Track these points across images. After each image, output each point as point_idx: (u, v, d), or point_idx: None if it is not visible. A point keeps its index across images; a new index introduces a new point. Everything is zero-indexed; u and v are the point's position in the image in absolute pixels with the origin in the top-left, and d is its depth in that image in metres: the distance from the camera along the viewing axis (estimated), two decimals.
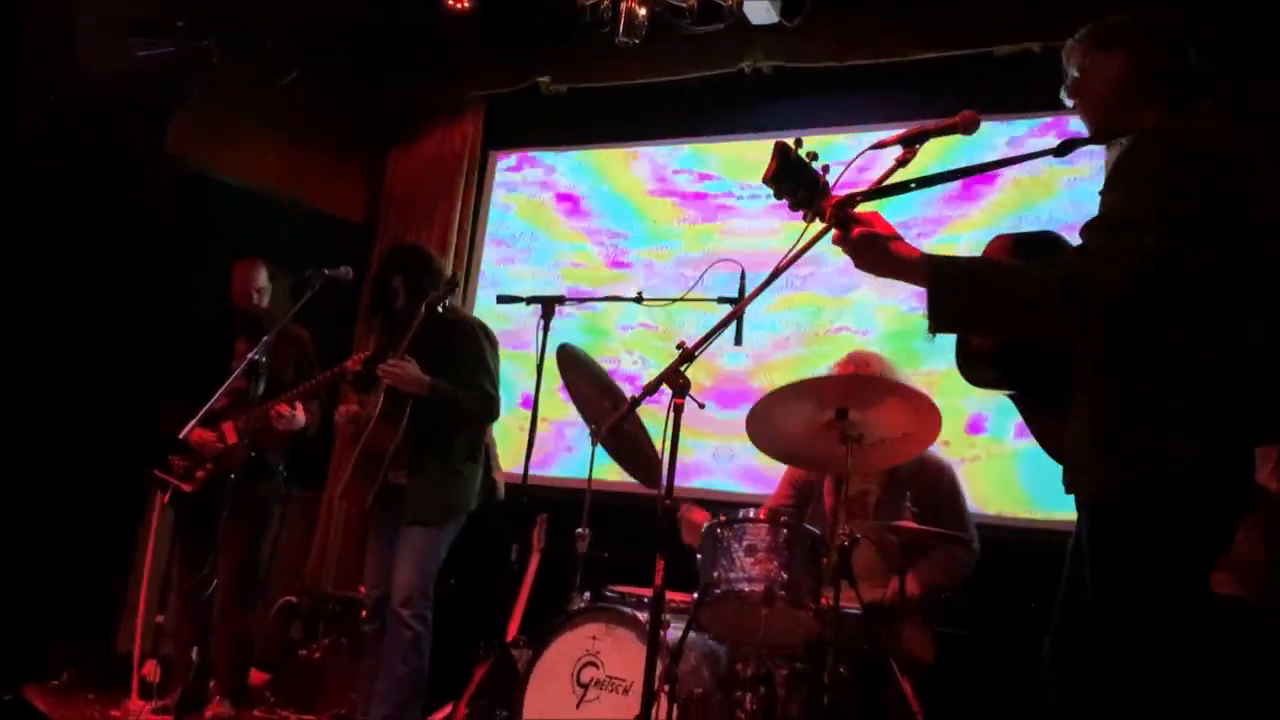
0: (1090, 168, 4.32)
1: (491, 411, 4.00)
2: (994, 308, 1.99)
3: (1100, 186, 2.02)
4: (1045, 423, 2.17)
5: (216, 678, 4.43)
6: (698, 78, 5.45)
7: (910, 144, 2.14)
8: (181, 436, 3.98)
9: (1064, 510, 4.04)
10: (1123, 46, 2.14)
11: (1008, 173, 4.67)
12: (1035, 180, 4.67)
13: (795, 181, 2.09)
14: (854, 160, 2.15)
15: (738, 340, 3.05)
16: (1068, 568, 2.12)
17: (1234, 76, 3.80)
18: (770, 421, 3.22)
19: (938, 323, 1.99)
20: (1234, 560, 2.55)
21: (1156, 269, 1.89)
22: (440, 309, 3.85)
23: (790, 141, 2.09)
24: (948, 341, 2.24)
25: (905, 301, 4.81)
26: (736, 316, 2.65)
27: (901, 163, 2.14)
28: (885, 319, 4.94)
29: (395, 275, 3.99)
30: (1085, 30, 2.21)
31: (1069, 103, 2.22)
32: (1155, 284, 1.90)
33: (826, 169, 2.12)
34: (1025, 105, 4.67)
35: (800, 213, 2.12)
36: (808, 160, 2.10)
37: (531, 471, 3.76)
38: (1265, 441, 1.98)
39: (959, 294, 1.98)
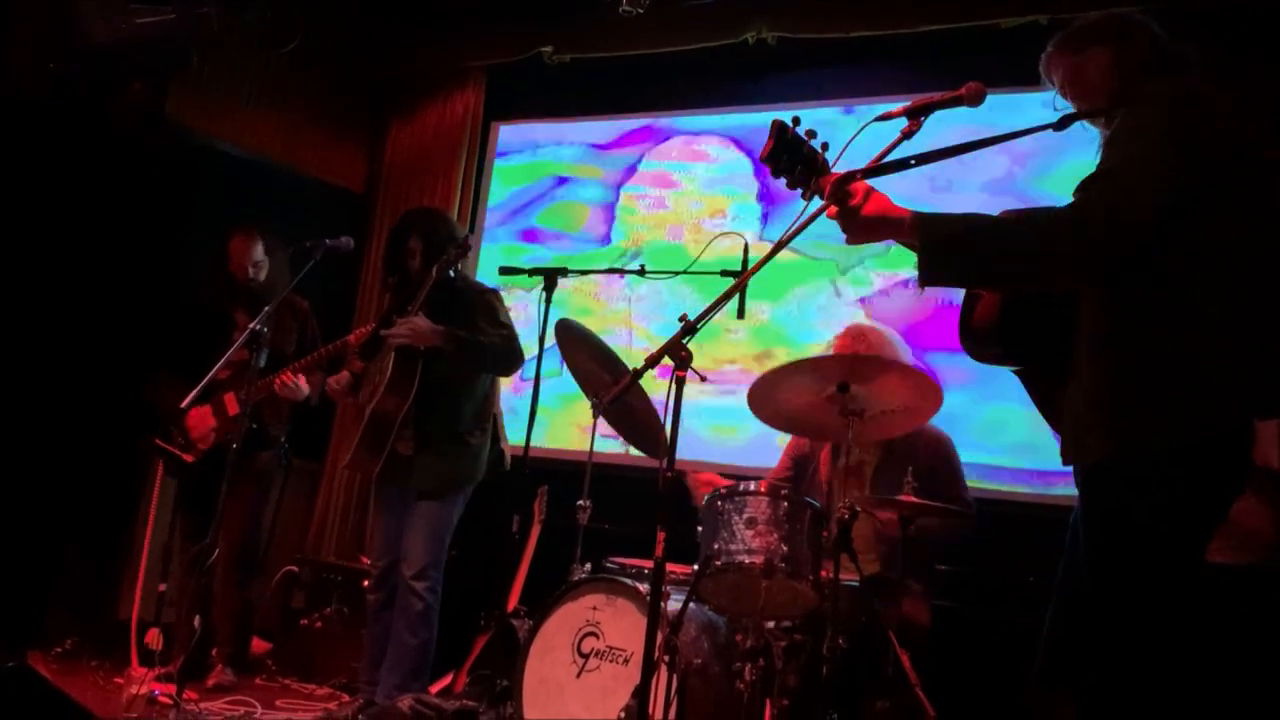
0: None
1: (515, 353, 3.94)
2: (985, 259, 2.00)
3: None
4: (1051, 398, 2.17)
5: (218, 646, 4.46)
6: (701, 49, 5.41)
7: (915, 116, 2.13)
8: (183, 406, 3.98)
9: (1064, 485, 4.05)
10: (1101, 41, 2.18)
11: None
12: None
13: (793, 159, 2.09)
14: (858, 132, 2.14)
15: (740, 314, 3.05)
16: (1069, 541, 2.13)
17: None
18: (772, 395, 3.22)
19: (929, 273, 1.99)
20: (1238, 531, 2.56)
21: (1153, 224, 1.89)
22: (452, 273, 3.84)
23: (788, 119, 2.09)
24: None
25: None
26: (740, 289, 2.64)
27: (907, 135, 2.14)
28: None
29: (412, 236, 3.97)
30: (1058, 40, 2.25)
31: (1069, 108, 2.22)
32: (1153, 241, 1.89)
33: (825, 146, 2.12)
34: (1032, 78, 4.63)
35: (799, 190, 2.13)
36: (806, 138, 2.10)
37: (533, 443, 3.77)
38: (1268, 414, 1.98)
39: (950, 243, 1.99)
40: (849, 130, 2.14)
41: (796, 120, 2.10)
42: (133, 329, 5.03)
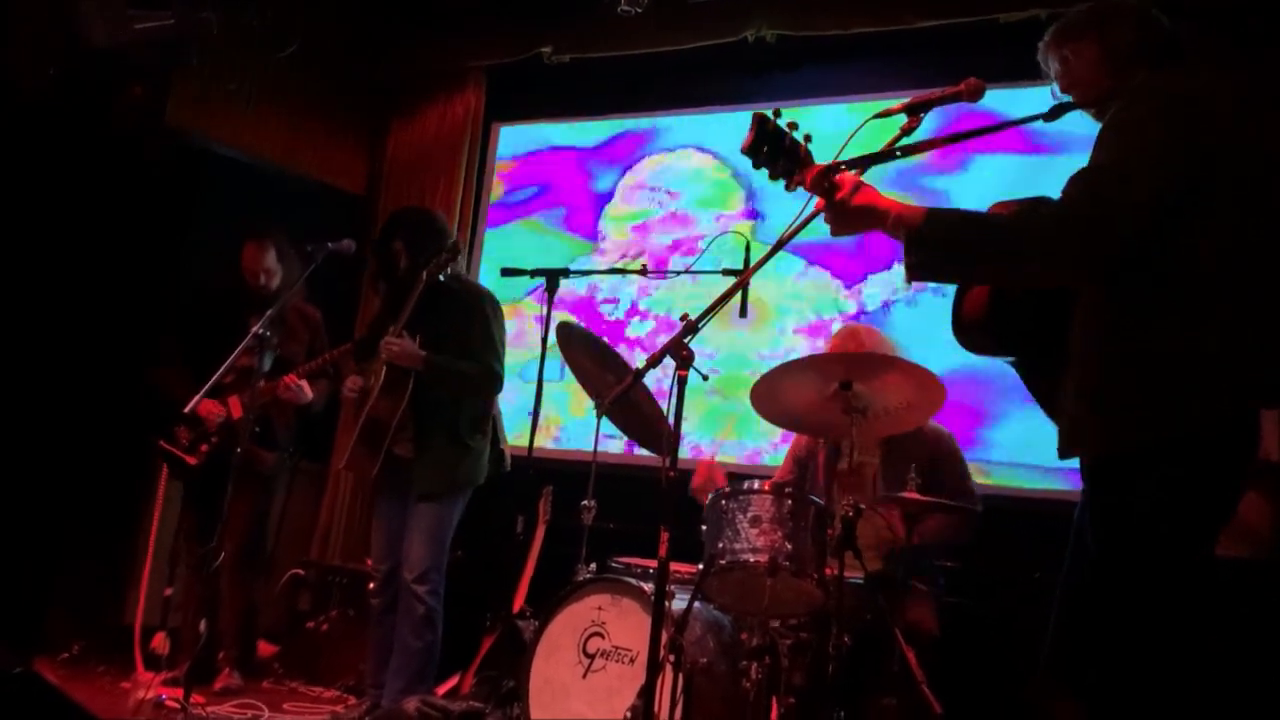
0: None
1: (494, 385, 3.99)
2: (971, 253, 2.00)
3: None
4: (1046, 387, 2.16)
5: (225, 649, 4.46)
6: (701, 47, 5.40)
7: (915, 112, 2.14)
8: (188, 410, 3.99)
9: (1071, 480, 4.05)
10: (1092, 29, 2.17)
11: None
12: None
13: (774, 151, 2.09)
14: (858, 129, 2.14)
15: (743, 312, 3.05)
16: (1073, 536, 2.13)
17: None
18: (775, 394, 3.22)
19: (915, 270, 2.00)
20: (1236, 524, 2.56)
21: (1147, 220, 1.88)
22: (442, 277, 3.83)
23: (769, 112, 2.10)
24: None
25: None
26: (741, 287, 2.64)
27: (906, 131, 2.14)
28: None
29: (396, 238, 3.97)
30: (1051, 32, 2.25)
31: (1064, 99, 2.22)
32: (1146, 237, 1.89)
33: (809, 138, 2.12)
34: (1031, 73, 4.62)
35: (782, 182, 2.13)
36: (787, 130, 2.10)
37: (536, 444, 3.77)
38: (1270, 405, 1.97)
39: (936, 239, 1.99)
40: (849, 126, 2.15)
41: (777, 112, 2.10)
42: (134, 331, 5.04)
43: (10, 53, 4.66)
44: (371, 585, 4.08)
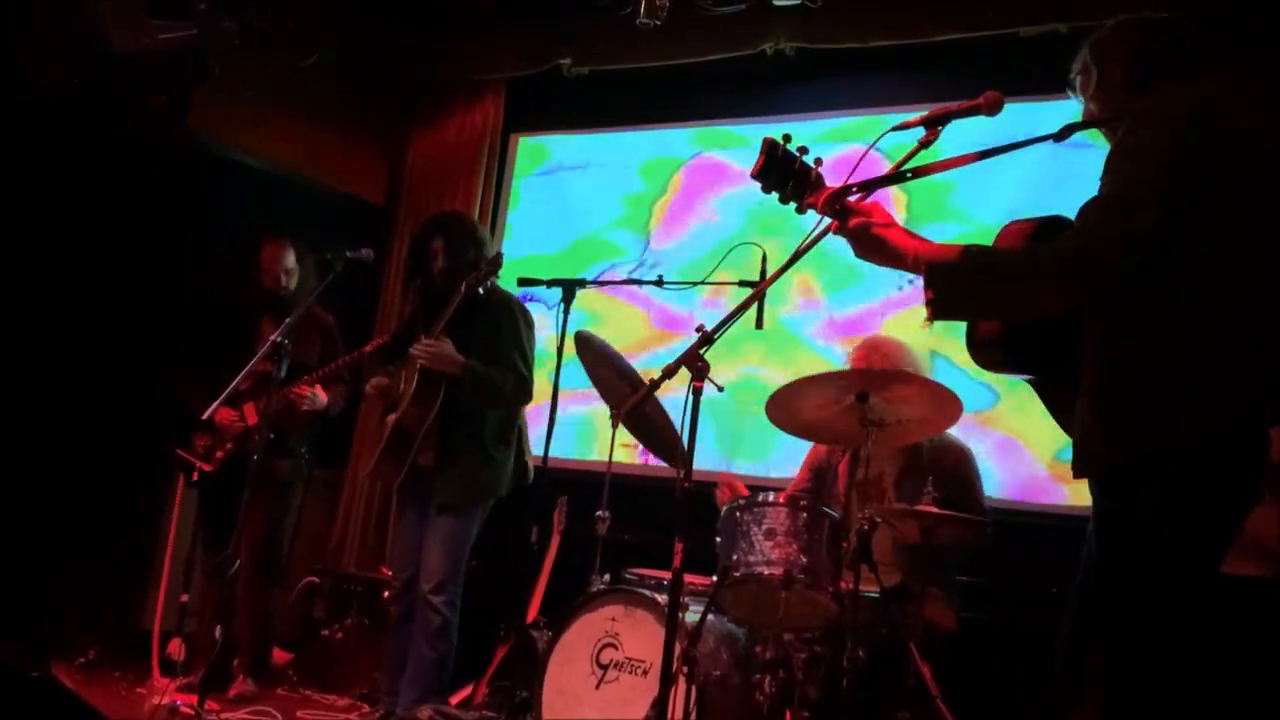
0: None
1: (525, 394, 3.98)
2: (988, 294, 2.03)
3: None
4: (1062, 406, 2.16)
5: (240, 656, 4.47)
6: (720, 60, 5.41)
7: (933, 125, 2.14)
8: (205, 417, 4.01)
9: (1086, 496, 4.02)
10: (1114, 45, 2.19)
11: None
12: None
13: (784, 175, 2.12)
14: (875, 142, 2.14)
15: (759, 324, 3.05)
16: (1085, 546, 2.12)
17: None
18: (791, 405, 3.22)
19: (937, 305, 2.02)
20: (1255, 543, 2.53)
21: (1152, 247, 1.89)
22: (482, 290, 3.83)
23: (793, 134, 2.13)
24: None
25: None
26: (758, 299, 2.64)
27: (924, 145, 2.14)
28: None
29: (436, 238, 3.97)
30: (1074, 65, 2.27)
31: (1095, 108, 2.23)
32: (1152, 262, 1.89)
33: (819, 162, 2.14)
34: (1051, 87, 4.61)
35: (793, 205, 2.15)
36: (797, 154, 2.13)
37: (552, 454, 3.78)
38: (1275, 421, 1.96)
39: (953, 283, 2.01)
40: (866, 139, 2.15)
41: (787, 138, 2.13)
42: (145, 335, 5.06)
43: (21, 54, 4.69)
44: (388, 594, 4.08)
